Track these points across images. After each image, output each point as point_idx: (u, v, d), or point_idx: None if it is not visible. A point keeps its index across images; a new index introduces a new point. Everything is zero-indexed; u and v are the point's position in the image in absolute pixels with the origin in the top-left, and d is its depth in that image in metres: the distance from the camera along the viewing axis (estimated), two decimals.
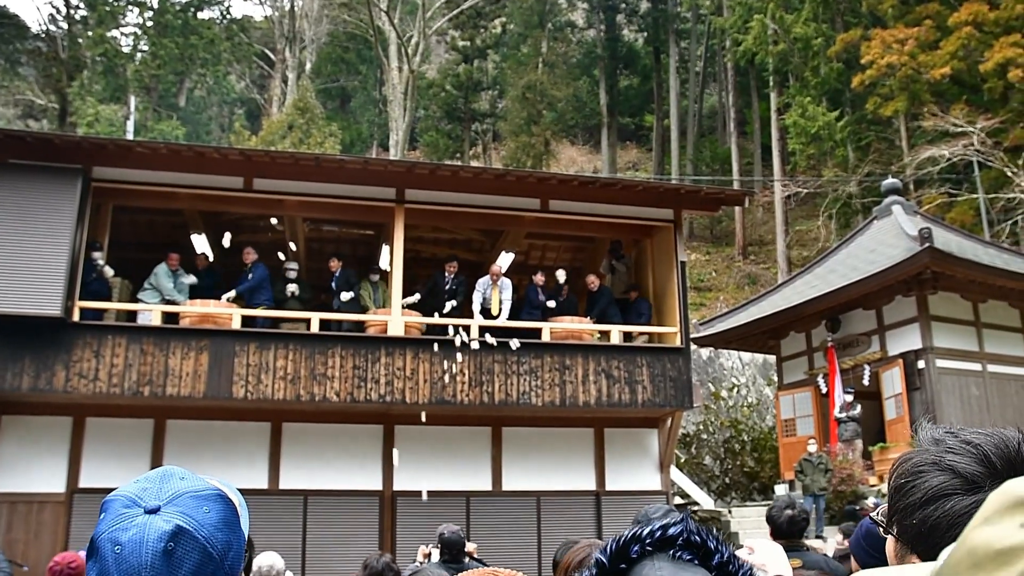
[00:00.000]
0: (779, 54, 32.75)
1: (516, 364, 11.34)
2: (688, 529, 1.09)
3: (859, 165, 29.94)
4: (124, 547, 1.11)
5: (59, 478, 10.67)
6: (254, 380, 10.61)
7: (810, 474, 14.01)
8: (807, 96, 30.82)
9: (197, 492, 1.18)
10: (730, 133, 39.63)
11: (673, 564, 1.07)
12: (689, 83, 44.95)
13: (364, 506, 11.41)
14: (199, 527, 1.14)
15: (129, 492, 1.18)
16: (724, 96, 44.43)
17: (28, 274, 10.03)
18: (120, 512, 1.15)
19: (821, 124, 29.70)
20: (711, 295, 32.50)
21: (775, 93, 34.66)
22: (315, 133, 32.68)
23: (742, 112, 40.64)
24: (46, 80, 36.34)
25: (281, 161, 11.42)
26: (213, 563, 1.14)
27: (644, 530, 1.10)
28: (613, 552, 1.10)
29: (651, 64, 45.93)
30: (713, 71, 47.75)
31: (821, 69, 31.21)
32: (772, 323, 17.85)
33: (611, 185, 12.73)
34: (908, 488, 1.18)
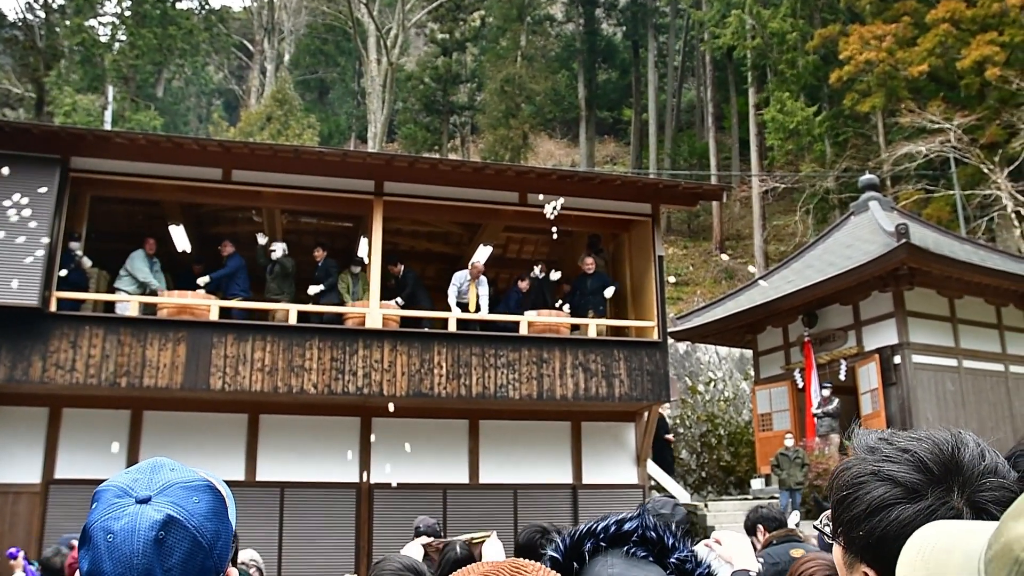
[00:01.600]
0: (757, 49, 32.94)
1: (494, 357, 11.39)
2: (644, 525, 1.09)
3: (836, 160, 30.12)
4: (116, 536, 1.13)
5: (35, 469, 10.63)
6: (232, 371, 10.59)
7: (787, 468, 14.09)
8: (785, 91, 30.98)
9: (187, 483, 1.21)
10: (708, 128, 39.81)
11: (626, 561, 1.06)
12: (667, 77, 45.09)
13: (341, 498, 11.42)
14: (189, 516, 1.17)
15: (120, 482, 1.20)
16: (702, 91, 44.61)
17: (5, 264, 9.99)
18: (112, 502, 1.17)
19: (799, 119, 29.82)
20: (688, 289, 32.68)
21: (753, 88, 34.85)
22: (293, 125, 32.52)
23: (720, 107, 40.83)
24: (23, 69, 35.92)
25: (260, 153, 11.39)
26: (203, 552, 1.17)
27: (599, 525, 1.10)
28: (567, 547, 1.10)
29: (630, 58, 46.06)
30: (691, 65, 47.93)
31: (798, 64, 31.37)
32: (749, 318, 17.89)
33: (590, 179, 12.79)
34: (850, 500, 1.18)
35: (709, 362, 24.42)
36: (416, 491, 11.49)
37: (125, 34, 32.33)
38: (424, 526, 6.16)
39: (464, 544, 5.20)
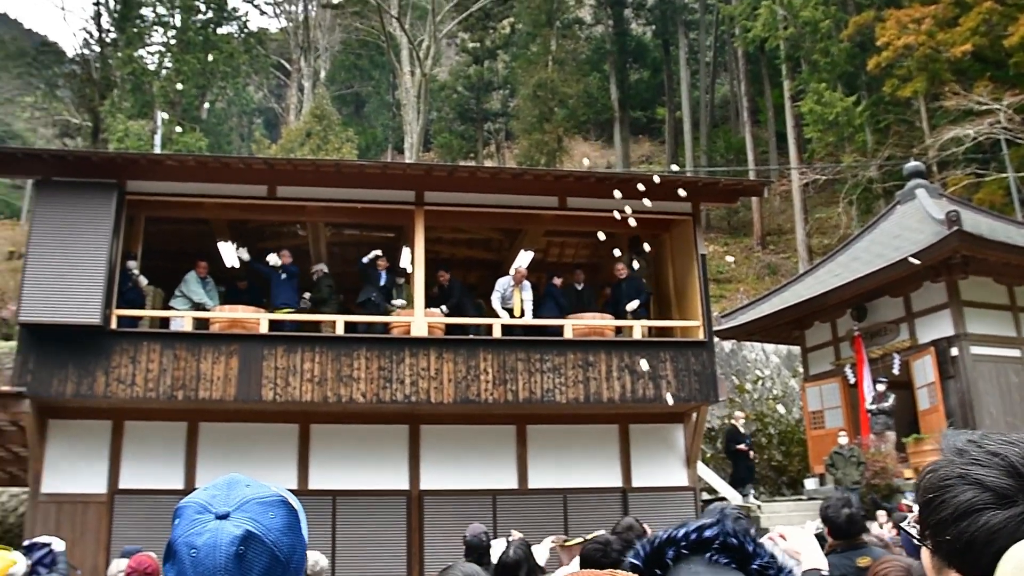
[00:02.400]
0: (789, 39, 32.52)
1: (539, 362, 11.44)
2: (724, 531, 1.08)
3: (879, 149, 29.39)
4: (199, 551, 1.19)
5: (101, 479, 10.98)
6: (282, 383, 10.79)
7: (842, 467, 13.76)
8: (821, 82, 30.50)
9: (262, 498, 1.25)
10: (743, 122, 39.52)
11: (709, 567, 1.05)
12: (700, 74, 44.88)
13: (392, 506, 11.52)
14: (267, 532, 1.22)
15: (200, 499, 1.25)
16: (736, 85, 44.31)
17: (70, 285, 10.40)
18: (193, 518, 1.23)
19: (839, 110, 29.19)
20: (731, 287, 32.44)
21: (788, 80, 34.44)
22: (332, 139, 33.03)
23: (755, 100, 40.50)
24: (80, 100, 37.52)
25: (303, 168, 11.62)
26: (280, 566, 1.22)
27: (679, 532, 1.08)
28: (647, 555, 1.09)
29: (661, 57, 45.93)
30: (723, 60, 47.64)
31: (833, 53, 30.83)
32: (795, 313, 17.58)
33: (628, 180, 12.77)
34: (937, 503, 1.15)
35: (756, 360, 24.19)
36: (465, 497, 11.58)
37: (171, 61, 33.41)
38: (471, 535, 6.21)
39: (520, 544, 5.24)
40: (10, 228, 40.26)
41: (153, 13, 35.12)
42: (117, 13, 34.98)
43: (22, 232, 35.73)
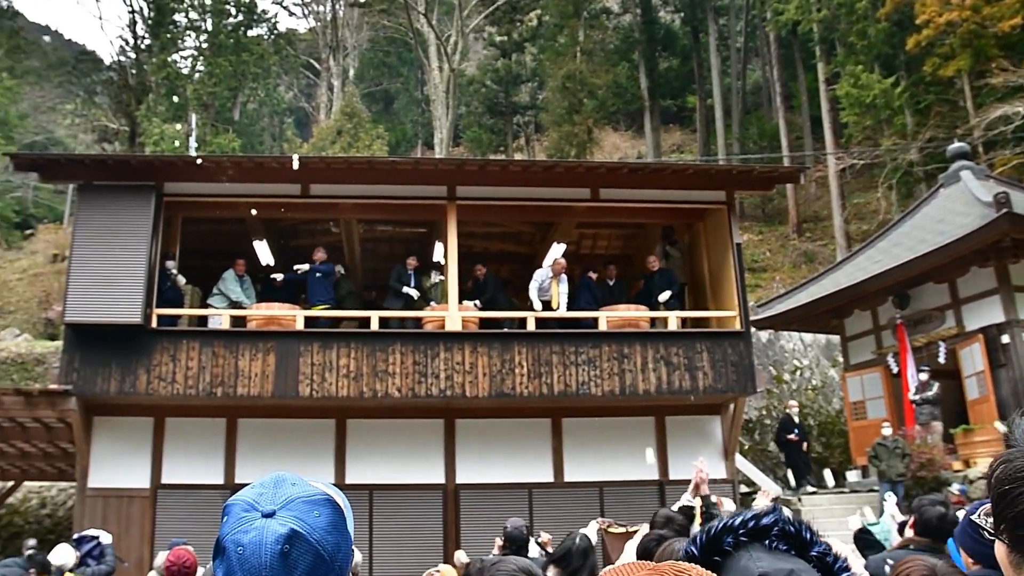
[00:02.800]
0: (824, 21, 31.93)
1: (574, 355, 11.41)
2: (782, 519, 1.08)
3: (919, 131, 28.43)
4: (246, 548, 1.20)
5: (144, 474, 11.22)
6: (319, 378, 10.89)
7: (885, 459, 13.44)
8: (857, 63, 29.86)
9: (308, 497, 1.26)
10: (777, 108, 38.98)
11: (770, 554, 1.05)
12: (731, 60, 44.38)
13: (428, 499, 11.58)
14: (311, 530, 1.22)
15: (247, 497, 1.26)
16: (768, 70, 43.78)
17: (111, 286, 10.66)
18: (240, 516, 1.24)
19: (876, 92, 28.45)
20: (766, 276, 32.11)
21: (822, 63, 33.82)
22: (363, 136, 33.26)
23: (788, 85, 39.90)
24: (118, 106, 38.39)
25: (335, 166, 11.69)
26: (325, 564, 1.22)
27: (736, 520, 1.08)
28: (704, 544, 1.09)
29: (690, 44, 45.50)
30: (755, 45, 47.09)
31: (870, 33, 30.14)
32: (834, 302, 17.13)
33: (661, 170, 12.71)
34: (1015, 496, 1.11)
35: (794, 350, 23.90)
36: (501, 491, 11.59)
37: (203, 64, 34.00)
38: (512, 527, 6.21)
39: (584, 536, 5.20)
40: (54, 232, 41.08)
41: (185, 19, 35.71)
42: (151, 20, 35.60)
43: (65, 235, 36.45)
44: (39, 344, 24.25)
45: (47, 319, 29.51)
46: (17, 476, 15.23)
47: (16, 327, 29.31)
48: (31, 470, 14.70)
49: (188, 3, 35.20)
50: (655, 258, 12.92)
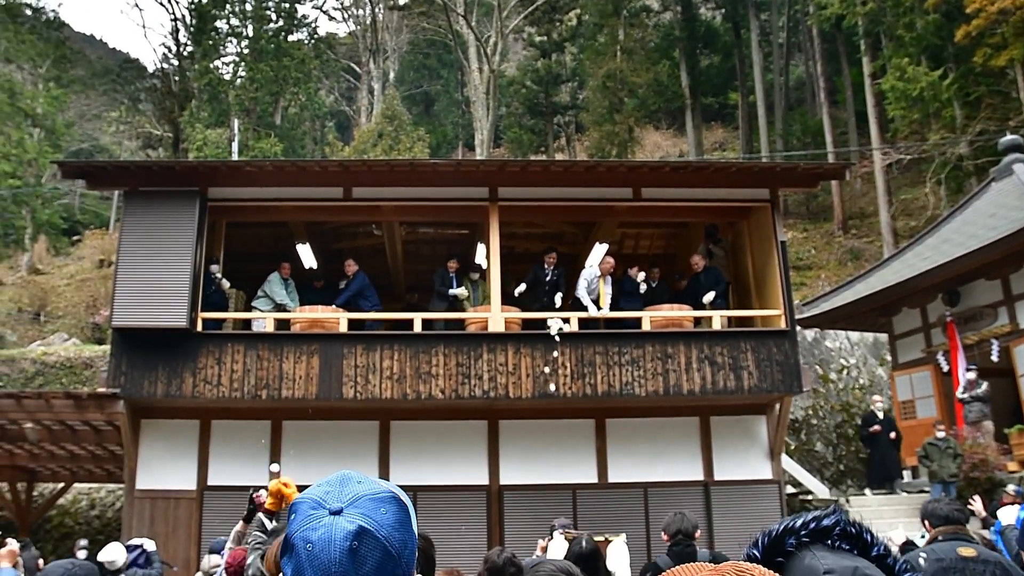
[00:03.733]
0: (869, 14, 31.34)
1: (617, 355, 11.33)
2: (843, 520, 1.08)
3: (969, 124, 27.75)
4: (315, 545, 1.21)
5: (191, 476, 11.35)
6: (362, 381, 10.94)
7: (937, 460, 13.12)
8: (903, 56, 29.26)
9: (374, 494, 1.27)
10: (820, 103, 38.40)
11: (834, 553, 1.06)
12: (773, 56, 43.85)
13: (472, 500, 11.58)
14: (379, 527, 1.23)
15: (314, 495, 1.28)
16: (811, 66, 43.21)
17: (157, 290, 10.81)
18: (308, 513, 1.25)
19: (923, 85, 27.84)
20: (811, 274, 31.67)
21: (867, 57, 33.23)
22: (404, 139, 33.47)
23: (832, 80, 39.31)
24: (161, 112, 39.19)
25: (377, 169, 11.75)
26: (392, 561, 1.23)
27: (797, 522, 1.09)
28: (766, 546, 1.10)
29: (731, 40, 45.04)
30: (797, 41, 46.51)
31: (917, 25, 29.51)
32: (882, 300, 16.78)
33: (704, 168, 12.56)
34: None
35: (840, 348, 23.50)
36: (545, 492, 11.55)
37: (245, 70, 34.53)
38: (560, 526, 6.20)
39: (590, 538, 5.21)
40: (100, 237, 41.95)
41: (227, 25, 36.21)
42: (193, 27, 36.19)
43: (111, 240, 37.23)
44: (87, 348, 24.75)
45: (94, 323, 30.11)
46: (67, 478, 15.59)
47: (64, 332, 29.99)
48: (80, 472, 15.03)
49: (229, 10, 35.72)
50: (700, 257, 12.78)
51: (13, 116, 34.24)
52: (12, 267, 41.24)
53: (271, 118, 35.11)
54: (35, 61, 37.40)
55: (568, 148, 45.04)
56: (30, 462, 13.89)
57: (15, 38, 35.31)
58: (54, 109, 36.62)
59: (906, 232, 29.88)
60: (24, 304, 35.77)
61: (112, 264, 26.85)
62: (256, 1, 35.41)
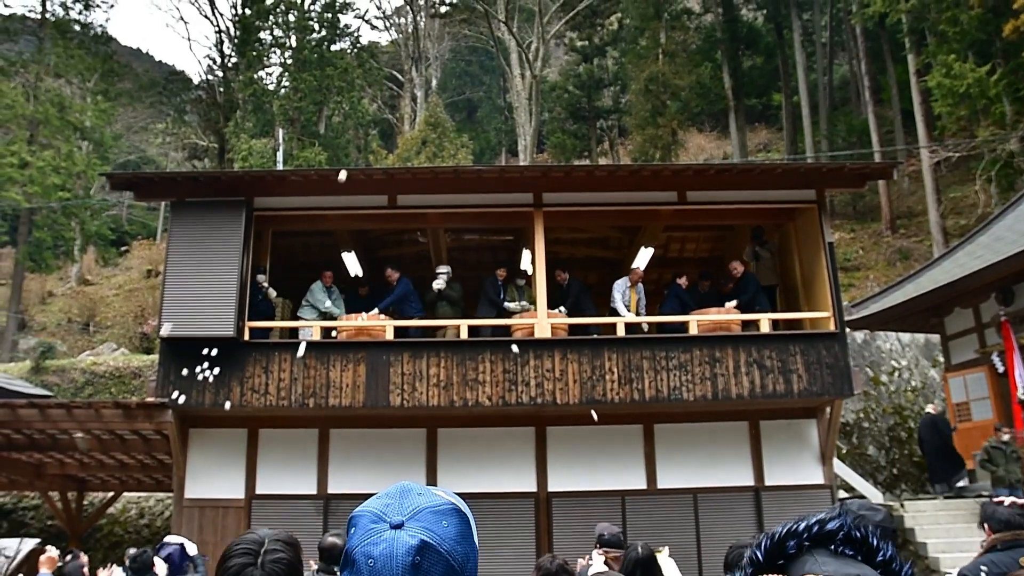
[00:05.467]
0: (913, 11, 30.80)
1: (665, 360, 11.23)
2: (847, 524, 1.07)
3: (1019, 120, 27.20)
4: (376, 561, 1.19)
5: (239, 485, 11.42)
6: (409, 388, 10.97)
7: (1002, 464, 12.80)
8: (949, 53, 28.71)
9: (435, 507, 1.25)
10: (865, 103, 37.84)
11: (836, 559, 1.04)
12: (816, 56, 43.33)
13: (520, 508, 11.53)
14: (441, 541, 1.21)
15: (374, 508, 1.26)
16: (855, 65, 42.57)
17: (205, 300, 10.91)
18: (369, 527, 1.23)
19: (971, 81, 27.34)
20: (859, 275, 31.17)
21: (912, 54, 32.64)
22: (447, 146, 33.62)
23: (876, 79, 38.68)
24: (206, 123, 39.85)
25: (422, 176, 11.78)
26: (455, 574, 1.21)
27: (800, 525, 1.08)
28: (768, 549, 1.09)
29: (774, 41, 44.56)
30: (840, 40, 45.86)
31: (962, 21, 28.93)
32: (933, 300, 16.45)
33: (749, 171, 12.41)
34: None
35: (891, 350, 23.07)
36: (594, 498, 11.48)
37: (289, 80, 34.92)
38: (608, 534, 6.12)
39: (646, 545, 5.15)
40: (147, 248, 42.75)
41: (271, 36, 36.70)
42: (237, 39, 36.76)
43: (158, 251, 37.94)
44: (135, 358, 25.16)
45: (143, 333, 30.61)
46: (116, 487, 15.82)
47: (113, 341, 30.55)
48: (130, 481, 15.26)
49: (273, 21, 36.20)
50: (737, 264, 12.64)
51: (62, 129, 34.91)
52: (62, 278, 42.18)
53: (315, 127, 35.49)
54: (84, 75, 38.16)
55: (611, 152, 44.89)
56: (80, 471, 14.13)
57: (64, 53, 36.03)
58: (102, 122, 37.33)
59: (956, 231, 29.29)
60: (74, 315, 36.60)
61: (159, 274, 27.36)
62: (299, 12, 35.82)
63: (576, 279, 13.05)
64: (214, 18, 52.72)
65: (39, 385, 21.30)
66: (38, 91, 34.68)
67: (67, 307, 38.01)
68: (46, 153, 33.37)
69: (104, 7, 51.14)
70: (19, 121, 33.66)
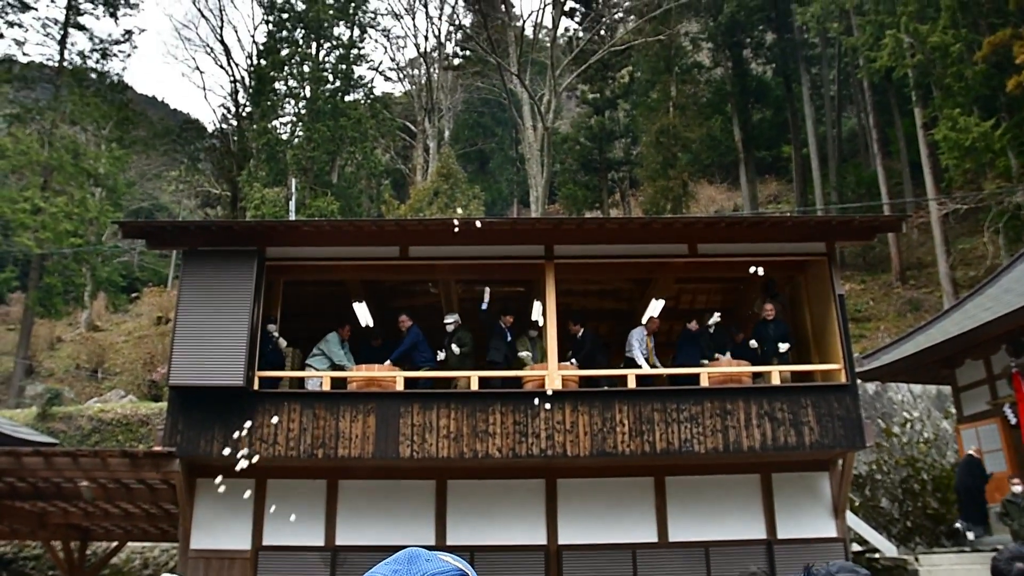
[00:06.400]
0: (918, 66, 31.21)
1: (676, 411, 11.19)
2: None
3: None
4: None
5: (245, 536, 11.31)
6: (419, 439, 10.93)
7: (1017, 518, 12.75)
8: (954, 107, 29.02)
9: (442, 573, 1.29)
10: (874, 155, 38.12)
11: None
12: (824, 108, 43.73)
13: (530, 561, 11.40)
14: None
15: (382, 573, 1.29)
16: (863, 117, 42.97)
17: (215, 349, 10.89)
18: None
19: (975, 135, 27.64)
20: (870, 326, 31.10)
21: (919, 107, 33.01)
22: (459, 197, 33.86)
23: (884, 131, 39.01)
24: (220, 171, 40.15)
25: (434, 228, 11.88)
26: None
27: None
28: None
29: (783, 94, 45.07)
30: (848, 93, 46.35)
31: (967, 76, 29.32)
32: (944, 351, 16.44)
33: (759, 223, 12.49)
34: None
35: (903, 401, 22.95)
36: (604, 551, 11.37)
37: (302, 130, 35.29)
38: None
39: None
40: (158, 295, 42.88)
41: (285, 87, 37.23)
42: (252, 89, 37.27)
43: (169, 298, 38.00)
44: (143, 405, 25.09)
45: (151, 381, 30.51)
46: (121, 536, 15.63)
47: (122, 388, 30.46)
48: (134, 530, 15.07)
49: (288, 72, 36.71)
50: (772, 307, 12.65)
51: (76, 176, 34.97)
52: (71, 324, 42.18)
53: (328, 177, 35.82)
54: (99, 123, 38.36)
55: (622, 203, 45.16)
56: (84, 520, 13.96)
57: (80, 101, 36.29)
58: (116, 169, 37.44)
59: (966, 282, 29.28)
60: (82, 361, 36.53)
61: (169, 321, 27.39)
62: (314, 63, 36.35)
63: (589, 331, 13.08)
64: (229, 68, 53.50)
65: (45, 432, 21.21)
66: (53, 138, 34.94)
67: (76, 353, 37.94)
68: (59, 199, 33.51)
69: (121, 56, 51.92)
70: (33, 167, 33.84)
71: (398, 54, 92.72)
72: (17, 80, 36.14)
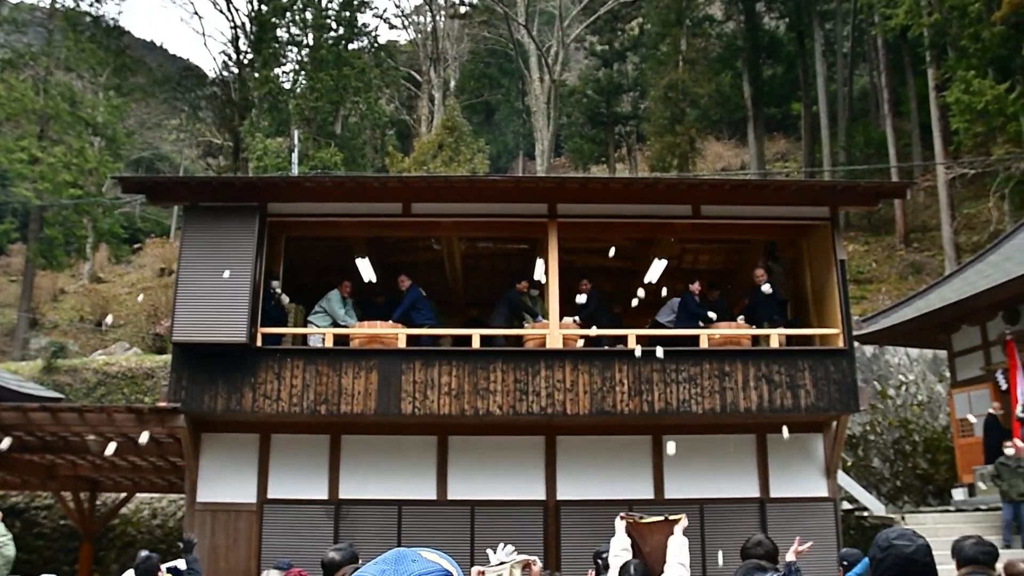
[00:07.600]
0: (934, 25, 30.71)
1: (675, 372, 11.32)
2: None
3: None
4: None
5: (251, 489, 11.50)
6: (421, 396, 11.07)
7: (1008, 479, 13.01)
8: (969, 69, 28.61)
9: (428, 573, 1.35)
10: (884, 115, 37.68)
11: None
12: (837, 66, 43.16)
13: (529, 515, 11.62)
14: None
15: (370, 573, 1.35)
16: (875, 76, 42.42)
17: (218, 305, 10.94)
18: None
19: (989, 98, 27.29)
20: (872, 287, 31.14)
21: (932, 68, 32.52)
22: (464, 150, 33.57)
23: (896, 91, 38.52)
24: (221, 121, 39.48)
25: (436, 185, 11.91)
26: None
27: None
28: None
29: (795, 50, 44.44)
30: (862, 51, 45.71)
31: (984, 37, 28.84)
32: (941, 317, 16.57)
33: (764, 187, 12.51)
34: None
35: (899, 364, 23.08)
36: (602, 507, 11.56)
37: (305, 79, 34.68)
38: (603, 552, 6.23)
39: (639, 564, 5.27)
40: (160, 246, 42.70)
41: (287, 34, 36.45)
42: (253, 36, 36.41)
43: (172, 249, 37.76)
44: (148, 358, 25.10)
45: (156, 333, 30.39)
46: (129, 488, 15.90)
47: (126, 341, 30.46)
48: (142, 482, 15.33)
49: (290, 19, 35.87)
50: (762, 272, 12.70)
51: (74, 125, 34.26)
52: (74, 275, 41.98)
53: (331, 127, 35.38)
54: (95, 70, 37.49)
55: (629, 158, 44.93)
56: (92, 473, 14.20)
57: (75, 47, 35.34)
58: (115, 118, 36.59)
59: (969, 246, 29.25)
60: (86, 313, 36.42)
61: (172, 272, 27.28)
62: (316, 10, 35.55)
63: (596, 290, 13.12)
64: (229, 14, 51.40)
65: (51, 386, 21.28)
66: (48, 85, 34.20)
67: (79, 305, 37.80)
68: (57, 149, 32.95)
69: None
70: (29, 115, 33.14)
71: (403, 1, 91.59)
72: (7, 23, 35.16)
